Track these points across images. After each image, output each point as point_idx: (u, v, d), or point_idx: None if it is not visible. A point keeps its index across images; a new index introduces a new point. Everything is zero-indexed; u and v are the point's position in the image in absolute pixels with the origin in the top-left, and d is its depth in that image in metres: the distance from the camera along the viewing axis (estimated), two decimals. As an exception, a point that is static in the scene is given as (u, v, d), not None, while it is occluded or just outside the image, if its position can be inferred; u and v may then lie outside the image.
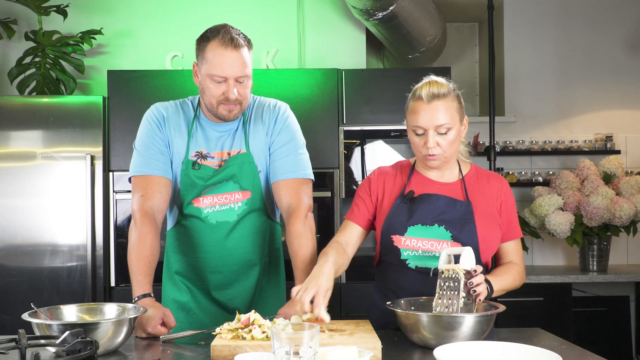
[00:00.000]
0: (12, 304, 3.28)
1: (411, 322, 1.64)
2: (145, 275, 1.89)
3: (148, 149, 2.01)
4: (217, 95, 1.93)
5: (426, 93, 1.83)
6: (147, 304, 1.81)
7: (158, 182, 1.99)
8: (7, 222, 3.34)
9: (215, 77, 1.90)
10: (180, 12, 3.94)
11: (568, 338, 2.59)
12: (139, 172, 2.00)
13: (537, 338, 1.77)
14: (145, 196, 1.97)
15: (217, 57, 1.89)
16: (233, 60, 1.90)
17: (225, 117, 1.97)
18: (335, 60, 3.95)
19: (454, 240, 1.85)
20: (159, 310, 1.81)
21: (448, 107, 1.83)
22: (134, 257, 1.91)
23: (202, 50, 1.93)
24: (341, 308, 3.41)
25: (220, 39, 1.90)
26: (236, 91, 1.92)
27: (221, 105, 1.94)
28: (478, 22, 4.68)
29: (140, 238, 1.92)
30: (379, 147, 3.52)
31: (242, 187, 2.01)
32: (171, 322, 1.82)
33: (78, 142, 3.36)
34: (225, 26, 1.94)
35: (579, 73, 4.25)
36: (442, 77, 1.90)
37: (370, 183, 1.99)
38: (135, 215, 1.96)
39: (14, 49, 3.86)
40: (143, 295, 1.85)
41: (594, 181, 3.74)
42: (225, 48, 1.89)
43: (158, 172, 1.99)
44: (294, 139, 2.06)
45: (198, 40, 1.96)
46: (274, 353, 1.27)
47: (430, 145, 1.83)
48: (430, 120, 1.82)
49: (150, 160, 2.00)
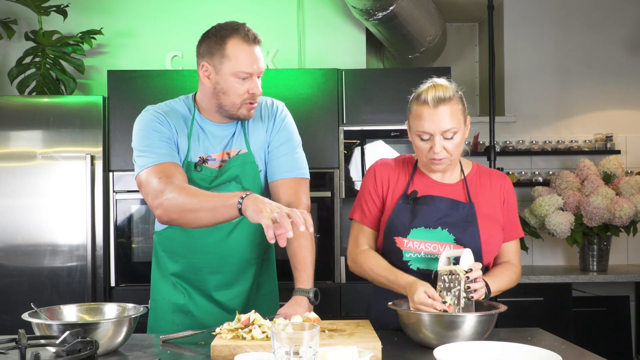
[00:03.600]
0: (12, 304, 3.28)
1: (413, 321, 1.64)
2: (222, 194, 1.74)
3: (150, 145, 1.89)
4: (242, 94, 1.91)
5: (432, 98, 1.80)
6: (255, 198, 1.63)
7: (171, 166, 1.86)
8: (7, 222, 3.34)
9: (241, 74, 1.89)
10: (180, 12, 3.94)
11: (568, 338, 2.59)
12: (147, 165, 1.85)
13: (537, 338, 1.77)
14: (162, 178, 1.81)
15: (243, 53, 1.88)
16: (258, 56, 1.91)
17: (245, 116, 1.95)
18: (335, 60, 3.95)
19: (456, 242, 1.85)
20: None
21: (454, 111, 1.81)
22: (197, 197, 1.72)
23: (221, 48, 1.88)
24: (341, 308, 3.41)
25: (243, 35, 1.89)
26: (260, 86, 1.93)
27: (244, 104, 1.92)
28: (478, 22, 4.68)
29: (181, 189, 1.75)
30: (379, 147, 3.52)
31: (244, 187, 2.00)
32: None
33: (78, 142, 3.36)
34: (240, 23, 1.93)
35: (579, 73, 4.25)
36: (444, 79, 1.87)
37: (375, 176, 1.97)
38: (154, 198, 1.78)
39: (14, 49, 3.86)
40: (246, 194, 1.65)
41: (594, 181, 3.74)
42: (249, 44, 1.89)
43: (168, 158, 1.87)
44: (292, 138, 2.06)
45: (208, 39, 1.92)
46: (274, 353, 1.27)
47: (437, 150, 1.81)
48: (438, 126, 1.80)
49: (156, 153, 1.87)
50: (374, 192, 1.96)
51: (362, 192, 2.00)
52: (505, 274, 1.90)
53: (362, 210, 1.98)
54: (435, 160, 1.84)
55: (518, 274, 1.95)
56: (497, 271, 1.90)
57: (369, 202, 1.96)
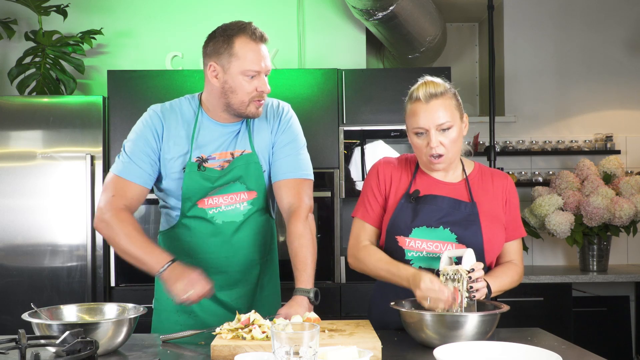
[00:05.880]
0: (12, 304, 3.28)
1: (415, 321, 1.64)
2: (154, 246, 1.87)
3: (134, 154, 1.96)
4: (250, 92, 1.93)
5: (423, 93, 1.83)
6: (179, 269, 1.80)
7: (134, 189, 1.95)
8: (7, 222, 3.34)
9: (249, 72, 1.91)
10: (180, 12, 3.94)
11: (568, 338, 2.60)
12: (120, 174, 1.95)
13: (537, 338, 1.77)
14: (116, 197, 1.92)
15: (251, 52, 1.91)
16: (265, 54, 1.94)
17: (254, 114, 1.97)
18: (335, 60, 3.95)
19: (458, 242, 1.85)
20: (196, 270, 1.82)
21: (447, 105, 1.83)
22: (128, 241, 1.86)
23: (229, 47, 1.91)
24: (341, 308, 3.41)
25: (250, 34, 1.92)
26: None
27: (253, 102, 1.95)
28: (478, 22, 4.68)
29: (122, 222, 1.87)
30: (379, 147, 3.52)
31: (248, 187, 2.01)
32: (209, 280, 1.82)
33: (78, 142, 3.36)
34: (247, 22, 1.95)
35: (579, 73, 4.25)
36: (436, 77, 1.90)
37: (378, 174, 1.97)
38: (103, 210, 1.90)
39: (14, 49, 3.86)
40: (172, 261, 1.82)
41: (594, 181, 3.74)
42: (256, 43, 1.92)
43: (138, 180, 1.96)
44: (296, 139, 2.07)
45: (215, 39, 1.94)
46: (274, 353, 1.27)
47: (433, 144, 1.82)
48: (431, 120, 1.82)
49: (134, 166, 1.96)
50: (376, 190, 1.96)
51: (364, 190, 2.00)
52: (507, 273, 1.90)
53: (364, 209, 1.98)
54: (433, 156, 1.84)
55: (520, 274, 1.94)
56: (499, 271, 1.90)
57: (372, 200, 1.97)
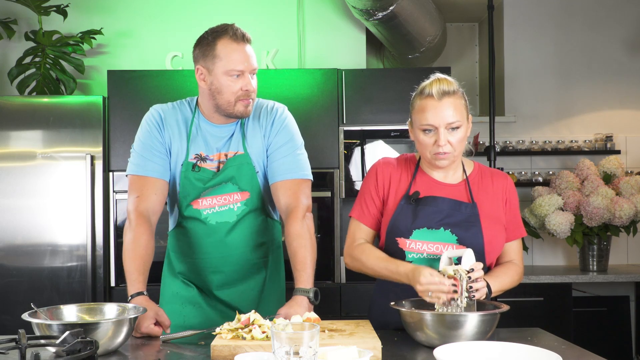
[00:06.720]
0: (12, 304, 3.28)
1: (415, 320, 1.64)
2: (140, 274, 1.90)
3: (146, 150, 2.02)
4: (235, 91, 1.94)
5: (436, 90, 1.82)
6: (141, 303, 1.82)
7: (154, 183, 2.00)
8: (7, 222, 3.34)
9: (233, 72, 1.93)
10: (180, 12, 3.94)
11: (568, 338, 2.59)
12: (136, 172, 2.01)
13: (537, 338, 1.77)
14: (140, 197, 1.99)
15: (233, 52, 1.93)
16: (248, 53, 1.95)
17: (242, 113, 1.98)
18: (335, 60, 3.95)
19: (459, 243, 1.84)
20: (152, 309, 1.81)
21: (457, 105, 1.83)
22: (129, 257, 1.93)
23: (212, 50, 1.94)
24: (341, 308, 3.41)
25: (231, 35, 1.94)
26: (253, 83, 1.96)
27: (239, 101, 1.96)
28: (478, 22, 4.68)
29: (135, 238, 1.94)
30: (379, 147, 3.52)
31: (240, 187, 2.02)
32: (165, 321, 1.82)
33: (78, 142, 3.36)
34: (229, 24, 1.97)
35: (579, 73, 4.25)
36: (448, 75, 1.89)
37: (377, 175, 1.96)
38: (131, 215, 1.98)
39: (14, 49, 3.86)
40: (137, 294, 1.87)
41: (594, 181, 3.74)
42: (238, 43, 1.94)
43: (155, 173, 2.01)
44: (292, 140, 2.06)
45: (200, 43, 1.98)
46: (274, 353, 1.27)
47: (441, 143, 1.81)
48: (442, 118, 1.81)
49: (148, 162, 2.01)
50: (374, 192, 1.96)
51: (362, 191, 2.00)
52: (507, 273, 1.89)
53: (361, 209, 1.98)
54: (440, 154, 1.83)
55: (520, 274, 1.94)
56: (499, 271, 1.90)
57: (369, 201, 1.96)
